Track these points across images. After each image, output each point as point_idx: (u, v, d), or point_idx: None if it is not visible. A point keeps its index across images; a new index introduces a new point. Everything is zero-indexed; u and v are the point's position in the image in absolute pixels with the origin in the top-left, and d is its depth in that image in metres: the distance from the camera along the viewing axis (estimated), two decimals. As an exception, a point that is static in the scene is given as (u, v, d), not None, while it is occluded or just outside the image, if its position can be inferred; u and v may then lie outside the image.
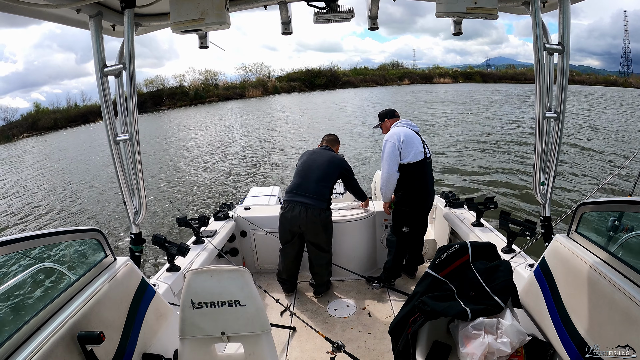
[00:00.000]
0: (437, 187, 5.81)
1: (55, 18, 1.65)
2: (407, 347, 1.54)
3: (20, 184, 12.50)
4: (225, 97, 40.83)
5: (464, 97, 28.00)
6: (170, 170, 11.23)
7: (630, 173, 5.86)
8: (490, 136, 12.95)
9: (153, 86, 41.56)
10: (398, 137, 2.59)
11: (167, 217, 7.01)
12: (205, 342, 1.43)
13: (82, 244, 1.98)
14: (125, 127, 1.80)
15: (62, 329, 1.17)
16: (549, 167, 1.87)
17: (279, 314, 2.62)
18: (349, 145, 11.91)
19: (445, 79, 47.13)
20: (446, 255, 1.64)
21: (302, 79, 45.71)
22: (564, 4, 1.68)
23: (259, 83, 43.62)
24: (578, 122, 15.36)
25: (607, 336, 1.20)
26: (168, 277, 2.19)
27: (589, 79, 43.96)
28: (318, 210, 2.59)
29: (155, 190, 9.14)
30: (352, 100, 30.51)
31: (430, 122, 16.83)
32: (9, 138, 31.14)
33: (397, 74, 48.75)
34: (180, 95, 40.79)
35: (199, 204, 7.95)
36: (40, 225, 7.86)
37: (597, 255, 1.35)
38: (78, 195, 9.82)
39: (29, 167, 15.98)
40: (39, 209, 9.05)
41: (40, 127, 33.90)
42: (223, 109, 31.59)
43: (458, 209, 3.05)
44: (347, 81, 46.51)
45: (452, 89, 36.16)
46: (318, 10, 1.86)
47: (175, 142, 16.91)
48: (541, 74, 1.70)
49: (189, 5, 1.59)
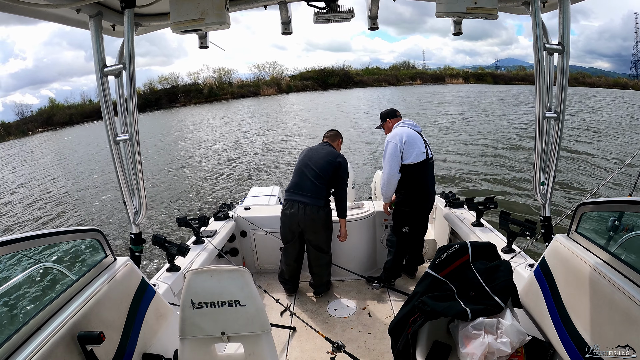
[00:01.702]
0: (437, 186, 5.82)
1: (55, 18, 1.65)
2: (407, 347, 1.53)
3: (30, 178, 12.63)
4: (240, 95, 40.89)
5: (483, 98, 27.63)
6: (173, 170, 11.23)
7: (630, 173, 5.86)
8: (496, 135, 12.99)
9: (167, 83, 41.71)
10: (400, 138, 2.58)
11: (170, 217, 7.01)
12: (205, 342, 1.43)
13: (82, 244, 1.98)
14: (125, 127, 1.80)
15: (62, 329, 1.16)
16: (549, 167, 1.87)
17: (279, 314, 2.62)
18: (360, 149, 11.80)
19: (456, 80, 46.97)
20: (446, 255, 1.64)
21: (315, 78, 45.73)
22: (564, 4, 1.68)
23: (272, 81, 43.61)
24: (582, 122, 15.36)
25: (607, 336, 1.20)
26: (168, 277, 2.19)
27: (599, 81, 43.42)
28: (316, 207, 2.58)
29: (156, 190, 9.15)
30: (366, 99, 30.31)
31: (435, 123, 16.74)
32: (24, 132, 31.63)
33: (408, 74, 48.66)
34: (195, 92, 40.80)
35: (199, 202, 7.96)
36: (46, 221, 7.89)
37: (597, 255, 1.35)
38: (84, 194, 9.83)
39: (39, 163, 16.10)
40: (40, 206, 9.07)
41: (56, 122, 34.22)
42: (237, 107, 31.62)
43: (458, 209, 3.05)
44: (359, 81, 46.36)
45: (467, 90, 35.77)
46: (318, 10, 1.86)
47: (184, 140, 16.90)
48: (541, 74, 1.71)
49: (189, 5, 1.59)
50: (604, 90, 37.34)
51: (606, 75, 48.38)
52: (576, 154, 9.93)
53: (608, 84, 42.56)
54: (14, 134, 31.03)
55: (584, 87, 39.47)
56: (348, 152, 10.82)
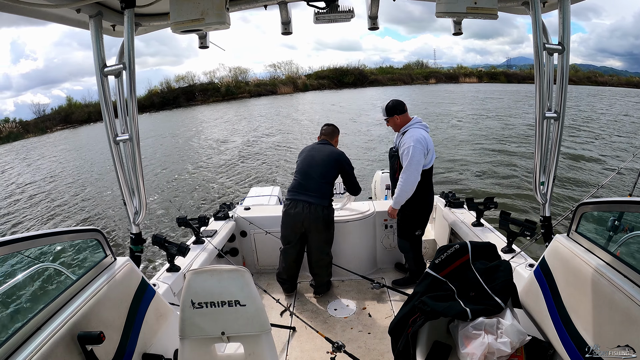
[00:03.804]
0: (437, 186, 5.81)
1: (55, 18, 1.65)
2: (407, 347, 1.54)
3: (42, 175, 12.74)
4: (257, 93, 40.93)
5: (499, 96, 27.25)
6: (177, 170, 11.24)
7: (630, 173, 5.86)
8: (504, 132, 12.97)
9: (184, 82, 41.80)
10: (425, 144, 2.48)
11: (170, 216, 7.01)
12: (205, 342, 1.43)
13: (82, 244, 1.99)
14: (125, 127, 1.80)
15: (62, 329, 1.17)
16: (549, 167, 1.87)
17: (279, 314, 2.62)
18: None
19: (470, 79, 46.75)
20: (446, 255, 1.64)
21: (330, 77, 45.57)
22: (564, 4, 1.68)
23: (288, 80, 43.56)
24: (585, 122, 15.34)
25: (607, 336, 1.20)
26: (168, 277, 2.19)
27: (611, 80, 42.64)
28: (321, 207, 2.58)
29: (158, 189, 9.15)
30: (384, 98, 30.26)
31: (447, 122, 16.62)
32: (43, 130, 32.08)
33: (422, 73, 48.44)
34: (212, 91, 40.92)
35: (198, 201, 7.96)
36: (48, 219, 7.91)
37: (597, 255, 1.35)
38: (89, 192, 9.86)
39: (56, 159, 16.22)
40: (45, 204, 9.09)
41: (74, 120, 34.54)
42: (254, 105, 31.49)
43: (458, 209, 3.05)
44: (374, 80, 46.07)
45: (484, 89, 35.20)
46: (318, 10, 1.86)
47: (197, 139, 16.87)
48: (541, 74, 1.71)
49: (189, 5, 1.59)
50: (616, 89, 36.81)
51: (618, 74, 47.35)
52: (578, 158, 9.91)
53: (620, 83, 41.66)
54: (33, 132, 31.60)
55: (596, 85, 39.04)
56: (350, 149, 10.80)
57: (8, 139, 29.16)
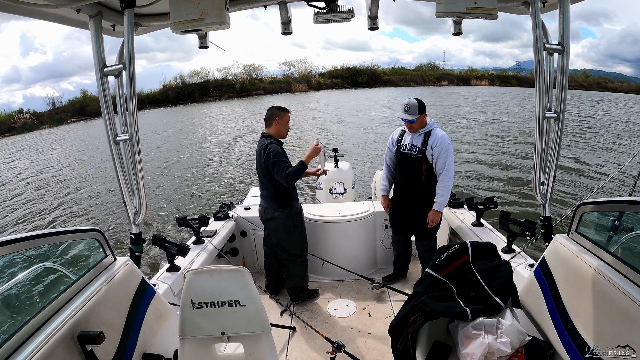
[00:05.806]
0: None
1: (55, 18, 1.65)
2: (407, 347, 1.53)
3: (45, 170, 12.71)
4: (272, 90, 41.05)
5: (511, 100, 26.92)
6: (178, 170, 11.21)
7: (630, 173, 5.86)
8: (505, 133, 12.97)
9: (199, 77, 42.03)
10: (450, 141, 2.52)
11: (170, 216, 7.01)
12: (205, 342, 1.43)
13: (82, 244, 1.99)
14: (125, 127, 1.80)
15: (62, 329, 1.17)
16: (549, 167, 1.87)
17: (279, 314, 2.62)
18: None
19: (482, 82, 46.63)
20: (446, 255, 1.64)
21: (344, 77, 45.61)
22: (564, 4, 1.68)
23: (302, 78, 43.62)
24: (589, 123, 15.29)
25: (607, 336, 1.20)
26: (168, 277, 2.19)
27: (621, 86, 42.24)
28: (270, 210, 2.53)
29: (158, 188, 9.15)
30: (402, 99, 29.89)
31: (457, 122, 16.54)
32: (58, 122, 32.62)
33: (434, 74, 48.41)
34: (227, 87, 41.18)
35: (199, 201, 7.96)
36: (50, 219, 7.90)
37: (597, 255, 1.35)
38: (94, 191, 9.84)
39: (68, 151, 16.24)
40: (46, 204, 9.09)
41: (89, 112, 34.63)
42: (268, 103, 31.55)
43: (458, 209, 3.05)
44: (387, 80, 46.00)
45: (496, 92, 34.92)
46: (318, 10, 1.86)
47: (210, 136, 16.69)
48: (541, 74, 1.71)
49: (189, 5, 1.60)
50: (626, 95, 36.29)
51: (628, 81, 46.81)
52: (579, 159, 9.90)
53: (630, 90, 40.96)
54: (48, 123, 32.15)
55: (606, 91, 38.78)
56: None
57: (23, 129, 29.69)
